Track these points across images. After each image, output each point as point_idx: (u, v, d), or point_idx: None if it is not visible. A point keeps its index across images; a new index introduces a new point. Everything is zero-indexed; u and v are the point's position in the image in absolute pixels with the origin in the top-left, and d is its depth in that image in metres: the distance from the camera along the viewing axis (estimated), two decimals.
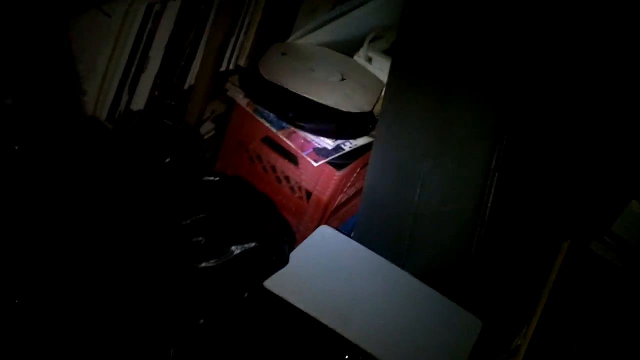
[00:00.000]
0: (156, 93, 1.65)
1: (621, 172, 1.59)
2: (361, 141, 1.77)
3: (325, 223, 1.77)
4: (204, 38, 1.68)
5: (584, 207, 1.61)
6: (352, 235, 1.75)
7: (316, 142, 1.71)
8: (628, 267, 1.47)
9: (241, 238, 1.42)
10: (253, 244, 1.42)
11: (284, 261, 1.47)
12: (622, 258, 1.48)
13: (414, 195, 1.60)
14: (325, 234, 1.62)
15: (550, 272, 1.47)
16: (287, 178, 1.78)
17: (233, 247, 1.40)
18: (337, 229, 1.67)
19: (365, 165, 1.75)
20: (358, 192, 1.88)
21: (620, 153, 1.58)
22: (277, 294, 1.39)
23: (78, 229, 1.39)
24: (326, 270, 1.51)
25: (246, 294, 1.39)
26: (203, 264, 1.38)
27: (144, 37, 1.53)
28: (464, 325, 1.48)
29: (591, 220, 1.59)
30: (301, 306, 1.38)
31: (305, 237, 1.70)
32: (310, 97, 1.72)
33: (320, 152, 1.69)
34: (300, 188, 1.77)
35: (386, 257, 1.59)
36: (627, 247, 1.49)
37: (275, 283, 1.42)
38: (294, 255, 1.51)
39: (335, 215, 1.84)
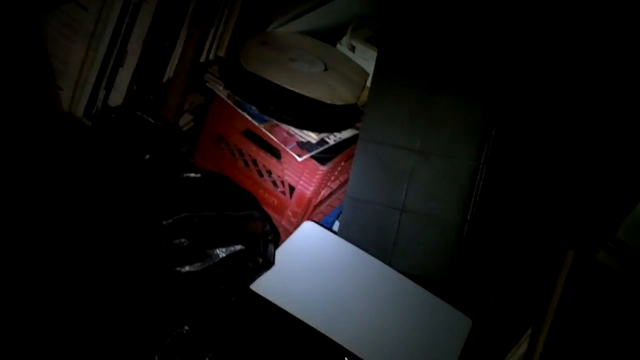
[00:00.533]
0: (134, 88, 1.59)
1: (625, 173, 1.57)
2: (346, 134, 1.73)
3: (308, 217, 1.74)
4: (183, 30, 1.62)
5: (585, 209, 1.59)
6: (335, 228, 1.72)
7: (299, 136, 1.67)
8: (633, 275, 1.45)
9: (226, 240, 1.38)
10: (239, 247, 1.38)
11: (270, 263, 1.43)
12: (628, 266, 1.47)
13: (401, 190, 1.57)
14: (309, 230, 1.59)
15: (554, 280, 1.45)
16: (269, 172, 1.74)
17: (218, 251, 1.36)
18: (319, 223, 1.64)
19: (349, 158, 1.72)
20: (342, 185, 1.85)
21: (623, 152, 1.56)
22: (265, 297, 1.36)
23: (53, 230, 1.35)
24: (313, 269, 1.48)
25: (233, 299, 1.35)
26: (187, 268, 1.34)
27: (122, 31, 1.48)
28: (454, 324, 1.46)
29: (594, 224, 1.57)
30: (290, 309, 1.35)
31: (287, 232, 1.67)
32: (293, 89, 1.67)
33: (304, 146, 1.65)
34: (283, 182, 1.73)
35: (372, 254, 1.56)
36: (632, 254, 1.48)
37: (263, 286, 1.38)
38: (280, 253, 1.48)
39: (318, 208, 1.80)
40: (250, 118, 1.68)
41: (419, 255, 1.58)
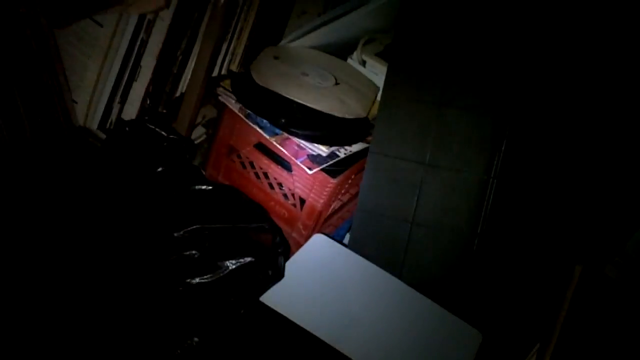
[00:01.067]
0: (148, 102, 1.61)
1: (634, 189, 1.57)
2: (356, 147, 1.75)
3: (319, 229, 1.75)
4: (196, 46, 1.65)
5: (594, 223, 1.59)
6: (345, 241, 1.73)
7: (310, 149, 1.69)
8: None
9: (237, 252, 1.40)
10: (249, 259, 1.39)
11: (280, 275, 1.44)
12: (636, 281, 1.46)
13: (411, 204, 1.58)
14: (319, 243, 1.60)
15: (563, 295, 1.45)
16: (280, 185, 1.76)
17: (228, 263, 1.38)
18: (330, 235, 1.65)
19: (360, 171, 1.73)
20: (352, 198, 1.86)
21: (633, 168, 1.56)
22: (275, 309, 1.37)
23: (66, 241, 1.36)
24: (323, 282, 1.49)
25: (242, 311, 1.36)
26: (197, 280, 1.36)
27: (136, 47, 1.50)
28: (464, 339, 1.46)
29: (603, 239, 1.57)
30: (299, 322, 1.36)
31: (298, 244, 1.68)
32: (304, 103, 1.69)
33: (315, 159, 1.67)
34: (293, 195, 1.74)
35: (382, 267, 1.56)
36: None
37: (272, 298, 1.39)
38: (290, 266, 1.49)
39: (328, 221, 1.82)
40: (261, 131, 1.70)
41: (430, 268, 1.59)
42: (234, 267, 1.38)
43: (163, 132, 1.58)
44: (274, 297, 1.40)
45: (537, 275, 1.58)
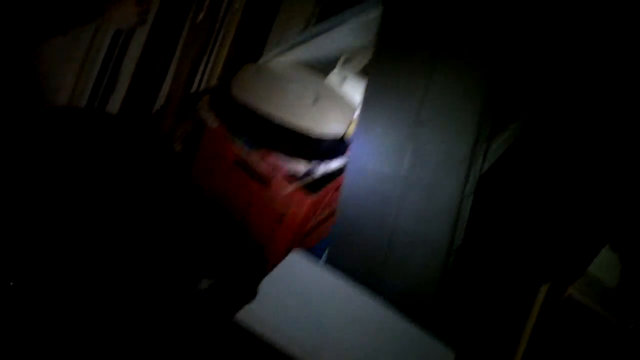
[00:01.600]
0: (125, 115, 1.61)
1: (597, 217, 1.59)
2: (334, 164, 1.74)
3: (298, 245, 1.74)
4: (174, 61, 1.64)
5: (562, 246, 1.60)
6: (325, 256, 1.73)
7: (289, 165, 1.68)
8: (603, 311, 1.46)
9: (212, 270, 1.39)
10: (224, 276, 1.38)
11: (254, 292, 1.44)
12: (599, 302, 1.48)
13: (388, 218, 1.58)
14: (296, 260, 1.60)
15: (528, 313, 1.46)
16: (259, 200, 1.75)
17: (203, 281, 1.37)
18: (309, 249, 1.65)
19: (338, 187, 1.72)
20: (332, 214, 1.85)
21: (598, 193, 1.58)
22: (249, 328, 1.36)
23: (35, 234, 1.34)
24: (298, 300, 1.48)
25: (216, 328, 1.36)
26: (172, 296, 1.34)
27: (112, 61, 1.49)
28: (436, 357, 1.46)
29: (569, 261, 1.58)
30: (273, 341, 1.36)
31: (276, 259, 1.67)
32: (283, 120, 1.69)
33: (294, 176, 1.67)
34: (273, 210, 1.74)
35: (360, 282, 1.57)
36: (603, 290, 1.49)
37: (247, 316, 1.39)
38: (266, 283, 1.48)
39: (307, 237, 1.81)
40: (241, 147, 1.70)
41: (407, 282, 1.59)
42: (209, 284, 1.38)
43: (140, 145, 1.57)
44: (249, 316, 1.39)
45: (505, 294, 1.59)
